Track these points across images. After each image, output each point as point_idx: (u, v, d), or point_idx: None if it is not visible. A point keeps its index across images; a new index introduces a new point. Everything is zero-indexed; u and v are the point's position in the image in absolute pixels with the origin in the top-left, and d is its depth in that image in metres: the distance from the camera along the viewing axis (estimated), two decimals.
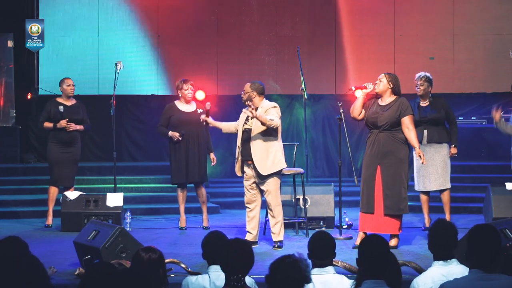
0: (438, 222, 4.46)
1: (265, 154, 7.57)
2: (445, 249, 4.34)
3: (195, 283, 4.53)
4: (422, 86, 8.50)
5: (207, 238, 4.61)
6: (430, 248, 4.42)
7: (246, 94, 7.67)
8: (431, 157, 8.38)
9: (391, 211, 7.39)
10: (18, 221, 9.61)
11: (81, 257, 6.60)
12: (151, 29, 12.80)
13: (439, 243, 4.36)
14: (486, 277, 3.76)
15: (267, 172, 7.55)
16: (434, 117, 8.47)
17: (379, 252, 3.78)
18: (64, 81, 9.23)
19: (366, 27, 12.78)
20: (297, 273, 3.33)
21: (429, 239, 4.42)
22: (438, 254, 4.36)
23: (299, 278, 3.33)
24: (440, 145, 8.50)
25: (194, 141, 8.86)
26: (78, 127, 9.16)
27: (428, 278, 4.29)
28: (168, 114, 8.94)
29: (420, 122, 8.43)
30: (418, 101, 8.56)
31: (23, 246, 4.28)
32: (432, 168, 8.45)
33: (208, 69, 12.66)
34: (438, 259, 4.36)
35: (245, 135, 7.68)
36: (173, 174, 8.91)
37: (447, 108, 8.57)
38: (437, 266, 4.35)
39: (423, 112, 8.49)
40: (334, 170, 11.84)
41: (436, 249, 4.38)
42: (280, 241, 7.66)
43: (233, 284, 3.77)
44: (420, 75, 8.56)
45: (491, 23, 12.72)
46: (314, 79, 12.35)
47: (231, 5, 12.90)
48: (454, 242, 4.37)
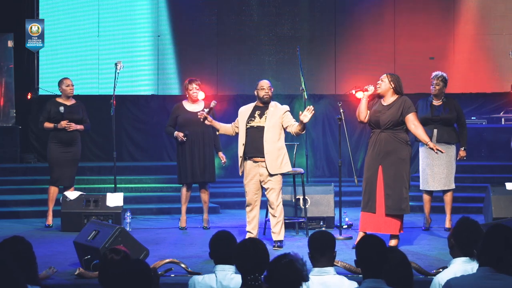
0: (464, 219, 4.41)
1: (276, 153, 7.58)
2: (470, 246, 4.29)
3: (202, 282, 4.52)
4: (438, 86, 8.52)
5: (215, 237, 4.61)
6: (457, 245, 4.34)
7: (271, 90, 7.79)
8: (438, 156, 8.38)
9: (392, 211, 7.38)
10: (18, 221, 9.60)
11: (81, 257, 6.60)
12: (151, 29, 12.80)
13: (465, 240, 4.31)
14: (494, 276, 3.76)
15: (276, 171, 7.57)
16: (446, 117, 8.48)
17: (376, 252, 3.78)
18: (63, 82, 9.22)
19: (366, 27, 12.78)
20: (294, 273, 3.33)
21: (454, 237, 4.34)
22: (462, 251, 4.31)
23: (296, 277, 3.34)
24: (449, 146, 8.50)
25: (200, 141, 8.85)
26: (79, 127, 9.16)
27: (452, 274, 4.19)
28: (175, 114, 8.96)
29: (431, 121, 8.46)
30: (431, 100, 8.57)
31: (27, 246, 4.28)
32: (438, 168, 8.45)
33: (208, 69, 12.66)
34: (461, 256, 4.32)
35: (253, 132, 7.66)
36: (180, 174, 8.89)
37: (459, 110, 8.59)
38: (459, 263, 4.28)
39: (436, 111, 8.51)
40: (334, 170, 11.84)
41: (461, 246, 4.32)
42: (280, 241, 7.65)
43: (251, 284, 3.76)
44: (437, 74, 8.56)
45: (491, 23, 12.73)
46: (314, 79, 12.36)
47: (231, 5, 12.90)
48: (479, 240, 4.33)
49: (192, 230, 8.92)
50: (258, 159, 7.61)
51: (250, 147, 7.63)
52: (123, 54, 12.40)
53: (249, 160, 7.65)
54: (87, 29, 12.73)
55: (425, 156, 8.51)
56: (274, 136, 7.60)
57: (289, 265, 3.33)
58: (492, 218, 8.30)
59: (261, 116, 7.66)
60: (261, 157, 7.59)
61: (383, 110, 7.44)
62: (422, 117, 8.45)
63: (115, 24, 12.77)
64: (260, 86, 7.77)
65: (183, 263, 6.35)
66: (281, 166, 7.62)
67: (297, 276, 3.33)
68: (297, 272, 3.33)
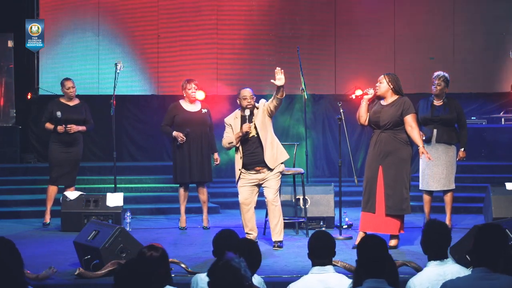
0: (431, 222, 4.48)
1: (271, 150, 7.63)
2: (440, 248, 4.35)
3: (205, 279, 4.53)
4: (439, 86, 8.50)
5: (218, 236, 4.63)
6: (425, 248, 4.42)
7: (254, 98, 7.71)
8: (438, 156, 8.38)
9: (393, 211, 7.39)
10: (18, 221, 9.61)
11: (81, 257, 6.60)
12: (151, 29, 12.79)
13: (434, 243, 4.36)
14: (489, 276, 3.77)
15: (274, 164, 7.59)
16: (446, 118, 8.47)
17: (378, 252, 3.79)
18: (64, 84, 9.23)
19: (366, 27, 12.78)
20: (231, 273, 3.32)
21: (422, 240, 4.43)
22: (433, 254, 4.36)
23: (235, 277, 3.33)
24: (449, 146, 8.50)
25: (198, 141, 8.86)
26: (80, 128, 9.16)
27: (424, 278, 4.28)
28: (173, 113, 8.95)
29: (431, 121, 8.45)
30: (432, 100, 8.56)
31: None
32: (438, 168, 8.44)
33: (208, 69, 12.66)
34: (433, 259, 4.36)
35: (248, 145, 7.66)
36: (176, 174, 8.90)
37: (460, 110, 8.58)
38: (432, 266, 4.35)
39: (436, 111, 8.50)
40: (334, 170, 11.83)
41: (431, 249, 4.37)
42: (280, 241, 7.65)
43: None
44: (439, 74, 8.55)
45: (491, 23, 12.72)
46: (314, 79, 12.35)
47: (231, 5, 12.90)
48: (448, 241, 4.39)
49: (192, 230, 8.93)
50: (259, 168, 7.63)
51: (249, 159, 7.65)
52: (123, 54, 12.39)
53: (250, 170, 7.65)
54: (87, 29, 12.72)
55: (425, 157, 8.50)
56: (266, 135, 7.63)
57: (225, 266, 3.33)
58: (492, 218, 8.30)
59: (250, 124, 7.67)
60: (262, 166, 7.61)
61: (383, 111, 7.45)
62: (422, 117, 8.45)
63: (115, 24, 12.76)
64: (243, 96, 7.72)
65: (183, 263, 6.36)
66: (278, 156, 7.62)
67: (236, 276, 3.32)
68: (235, 271, 3.32)
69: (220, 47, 12.82)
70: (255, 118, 7.66)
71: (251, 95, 7.70)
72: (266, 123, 7.65)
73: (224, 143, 7.79)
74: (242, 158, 7.66)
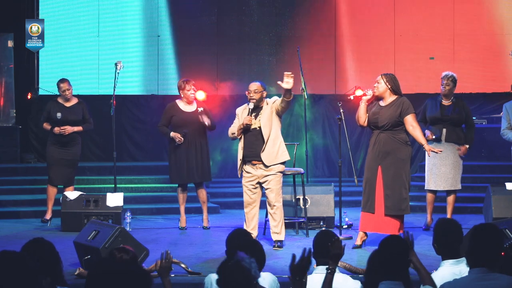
0: (442, 221, 4.44)
1: (271, 143, 7.62)
2: (453, 246, 4.29)
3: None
4: (448, 86, 8.54)
5: (232, 235, 4.63)
6: (438, 248, 4.35)
7: (259, 93, 7.68)
8: (447, 156, 8.40)
9: (391, 211, 7.39)
10: (18, 221, 9.60)
11: (81, 257, 6.60)
12: (151, 29, 12.79)
13: (446, 241, 4.30)
14: (486, 277, 3.74)
15: (272, 162, 7.58)
16: (456, 117, 8.51)
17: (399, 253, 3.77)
18: (59, 87, 9.22)
19: (366, 27, 12.77)
20: (242, 273, 3.34)
21: (435, 240, 4.36)
22: (447, 253, 4.31)
23: (245, 277, 3.34)
24: (457, 146, 8.52)
25: (195, 141, 8.86)
26: (76, 129, 9.16)
27: (439, 278, 4.19)
28: (170, 114, 8.94)
29: (441, 120, 8.49)
30: (440, 100, 8.60)
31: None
32: (446, 167, 8.46)
33: (208, 69, 12.65)
34: (448, 258, 4.30)
35: (249, 135, 7.67)
36: (173, 174, 8.91)
37: (467, 111, 8.64)
38: (447, 266, 4.27)
39: (446, 111, 8.53)
40: (334, 170, 11.83)
41: (445, 249, 4.31)
42: (280, 241, 7.65)
43: None
44: (447, 74, 8.58)
45: (491, 23, 12.72)
46: (314, 79, 12.35)
47: (231, 5, 12.89)
48: (460, 238, 4.32)
49: (192, 230, 8.93)
50: (256, 162, 7.63)
51: (248, 150, 7.66)
52: (123, 54, 12.39)
53: (248, 163, 7.67)
54: (87, 29, 12.72)
55: (432, 156, 8.46)
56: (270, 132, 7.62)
57: (236, 266, 3.34)
58: (492, 218, 8.29)
59: (256, 117, 7.67)
60: (258, 160, 7.61)
61: (382, 111, 7.45)
62: (432, 117, 8.49)
63: (115, 24, 12.76)
64: (247, 90, 7.79)
65: (183, 263, 6.36)
66: (277, 155, 7.62)
67: (246, 276, 3.33)
68: (245, 271, 3.33)
69: (220, 47, 12.81)
70: (262, 112, 7.67)
71: (254, 89, 7.72)
72: (273, 120, 7.65)
73: (229, 132, 7.85)
74: (242, 148, 7.68)
